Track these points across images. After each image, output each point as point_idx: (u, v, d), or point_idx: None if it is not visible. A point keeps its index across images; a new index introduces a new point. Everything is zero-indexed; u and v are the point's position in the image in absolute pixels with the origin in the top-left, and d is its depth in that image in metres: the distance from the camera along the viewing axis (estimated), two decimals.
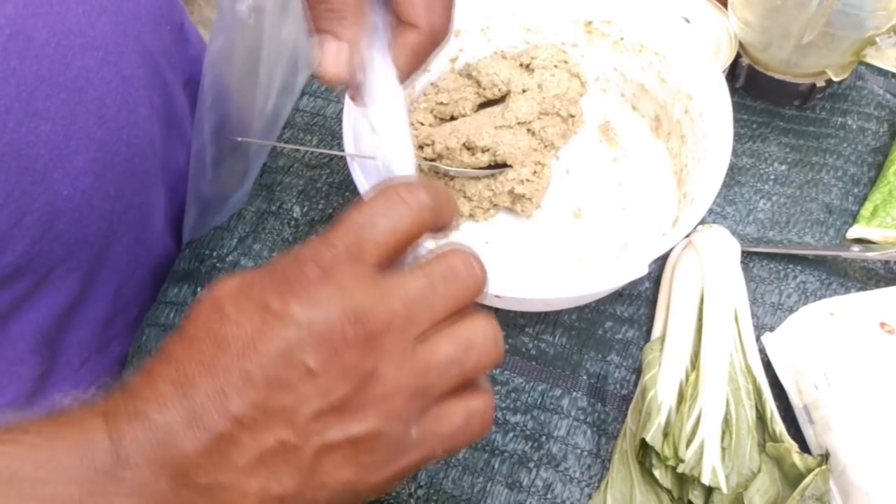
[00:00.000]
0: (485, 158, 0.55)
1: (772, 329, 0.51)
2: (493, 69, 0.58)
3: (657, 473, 0.45)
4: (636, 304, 0.55)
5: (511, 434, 0.50)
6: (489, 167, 0.56)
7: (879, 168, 0.60)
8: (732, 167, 0.60)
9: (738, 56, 0.63)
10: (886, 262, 0.56)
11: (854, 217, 0.58)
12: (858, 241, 0.56)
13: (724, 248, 0.52)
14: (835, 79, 0.61)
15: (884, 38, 0.58)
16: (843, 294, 0.54)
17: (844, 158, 0.61)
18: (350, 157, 0.48)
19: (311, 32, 0.38)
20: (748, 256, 0.56)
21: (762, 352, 0.50)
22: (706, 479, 0.43)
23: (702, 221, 0.48)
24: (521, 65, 0.59)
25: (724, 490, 0.43)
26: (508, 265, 0.55)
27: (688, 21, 0.63)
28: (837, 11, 0.56)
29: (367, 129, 0.40)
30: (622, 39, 0.60)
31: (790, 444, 0.45)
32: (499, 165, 0.55)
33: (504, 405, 0.51)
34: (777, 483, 0.44)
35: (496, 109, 0.58)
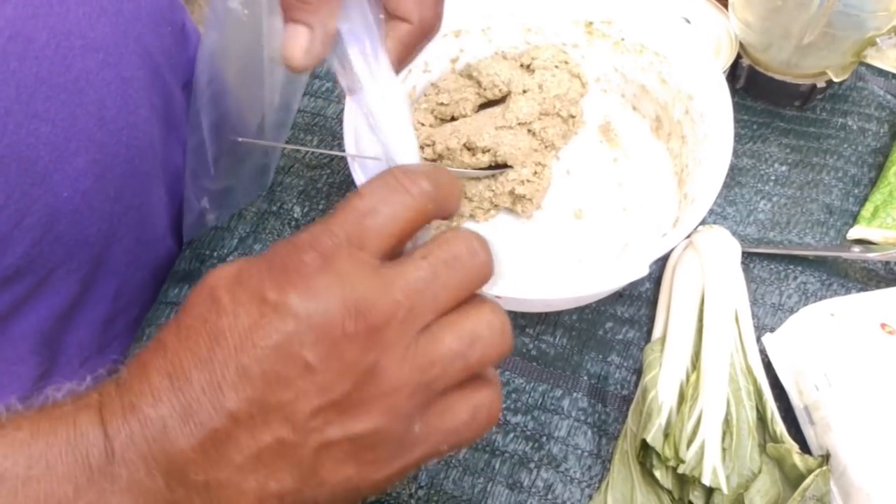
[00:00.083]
0: (485, 159, 0.55)
1: (772, 330, 0.51)
2: (494, 70, 0.58)
3: (658, 474, 0.45)
4: (637, 305, 0.55)
5: (512, 434, 0.50)
6: (490, 168, 0.55)
7: (880, 169, 0.60)
8: (733, 168, 0.60)
9: (739, 57, 0.63)
10: (887, 263, 0.56)
11: (854, 218, 0.58)
12: (859, 242, 0.56)
13: (725, 249, 0.52)
14: (835, 79, 0.61)
15: (884, 39, 0.58)
16: (844, 295, 0.53)
17: (845, 159, 0.61)
18: (351, 158, 0.48)
19: (284, 22, 0.38)
20: (749, 257, 0.56)
21: (763, 352, 0.50)
22: (707, 480, 0.43)
23: (702, 222, 0.48)
24: (522, 65, 0.59)
25: (725, 491, 0.43)
26: (509, 266, 0.55)
27: (688, 22, 0.63)
28: (838, 12, 0.55)
29: (367, 130, 0.40)
30: (623, 40, 0.60)
31: (791, 445, 0.45)
32: (499, 166, 0.55)
33: (505, 406, 0.51)
34: (778, 484, 0.44)
35: (497, 110, 0.58)
